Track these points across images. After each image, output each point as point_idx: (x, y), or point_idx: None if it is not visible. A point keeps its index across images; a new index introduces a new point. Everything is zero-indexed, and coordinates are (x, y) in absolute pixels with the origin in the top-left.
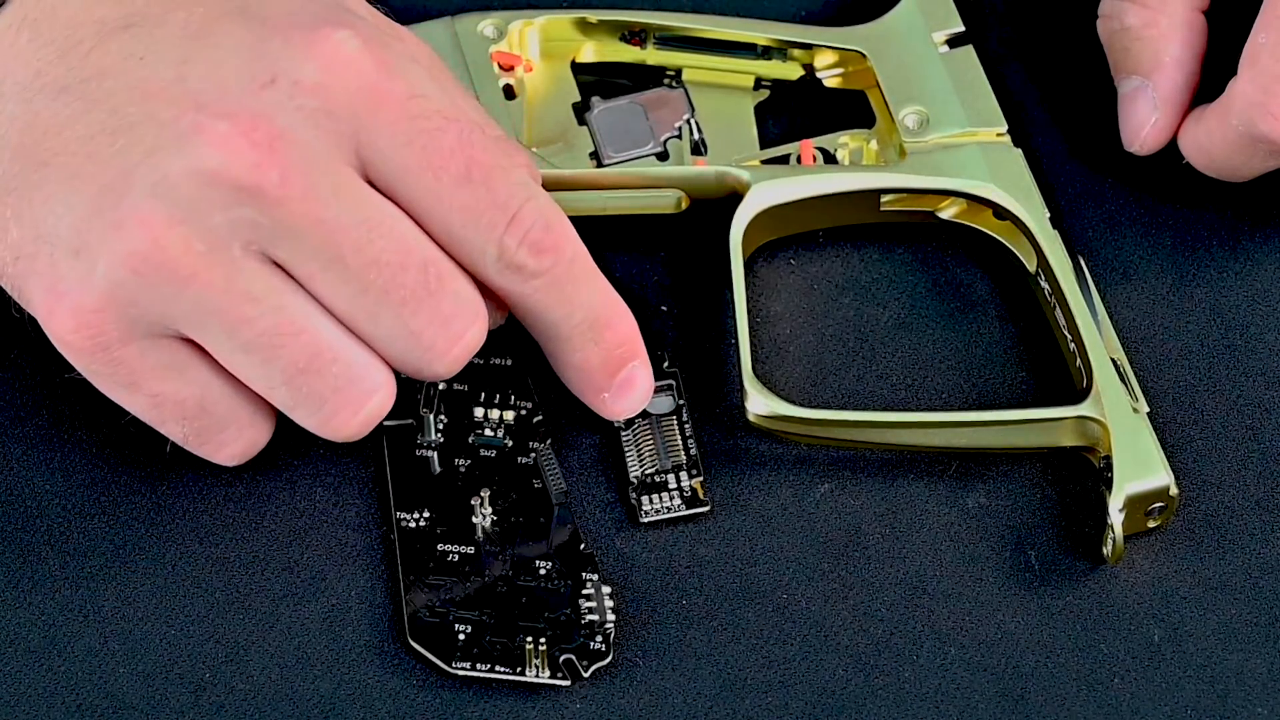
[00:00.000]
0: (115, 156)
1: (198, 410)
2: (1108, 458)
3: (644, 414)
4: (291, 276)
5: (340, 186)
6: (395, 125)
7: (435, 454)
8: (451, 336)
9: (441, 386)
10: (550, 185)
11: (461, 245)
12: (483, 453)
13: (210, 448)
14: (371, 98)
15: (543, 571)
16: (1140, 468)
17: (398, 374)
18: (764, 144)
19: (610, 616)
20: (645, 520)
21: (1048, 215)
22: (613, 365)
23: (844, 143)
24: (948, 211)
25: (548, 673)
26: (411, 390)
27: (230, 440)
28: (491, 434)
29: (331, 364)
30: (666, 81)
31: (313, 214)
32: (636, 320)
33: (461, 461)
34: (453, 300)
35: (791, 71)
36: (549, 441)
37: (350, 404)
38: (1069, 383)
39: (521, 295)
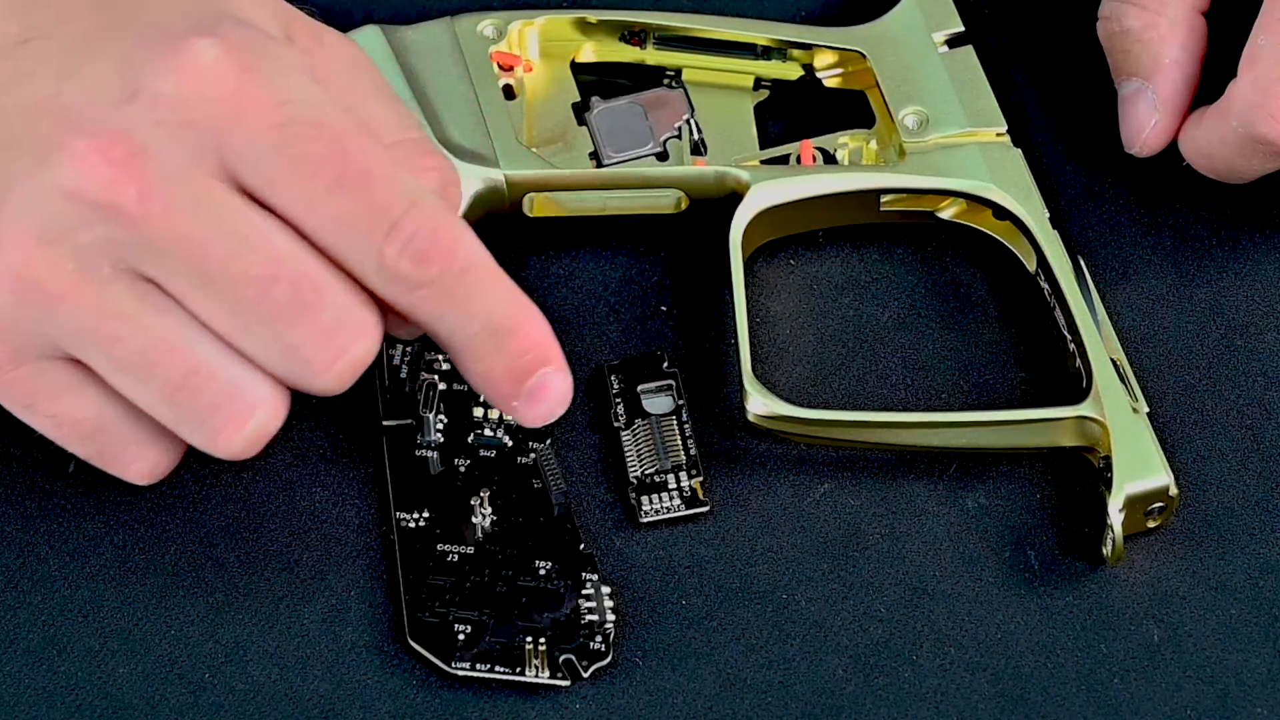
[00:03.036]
0: (1, 173)
1: (95, 430)
2: (1107, 458)
3: (644, 414)
4: (168, 293)
5: (204, 200)
6: (261, 134)
7: (435, 454)
8: (333, 351)
9: (442, 386)
10: (550, 185)
11: (342, 255)
12: (483, 453)
13: (116, 466)
14: (232, 107)
15: (543, 571)
16: (1140, 468)
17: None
18: (764, 144)
19: (610, 616)
20: (645, 520)
21: (1048, 215)
22: (519, 373)
23: (844, 143)
24: (948, 211)
25: (547, 673)
26: (412, 390)
27: (134, 459)
28: (491, 434)
29: (208, 381)
30: (666, 81)
31: (175, 230)
32: (634, 319)
33: (461, 461)
34: (332, 313)
35: (791, 71)
36: (549, 441)
37: (232, 421)
38: (1069, 383)
39: (409, 305)
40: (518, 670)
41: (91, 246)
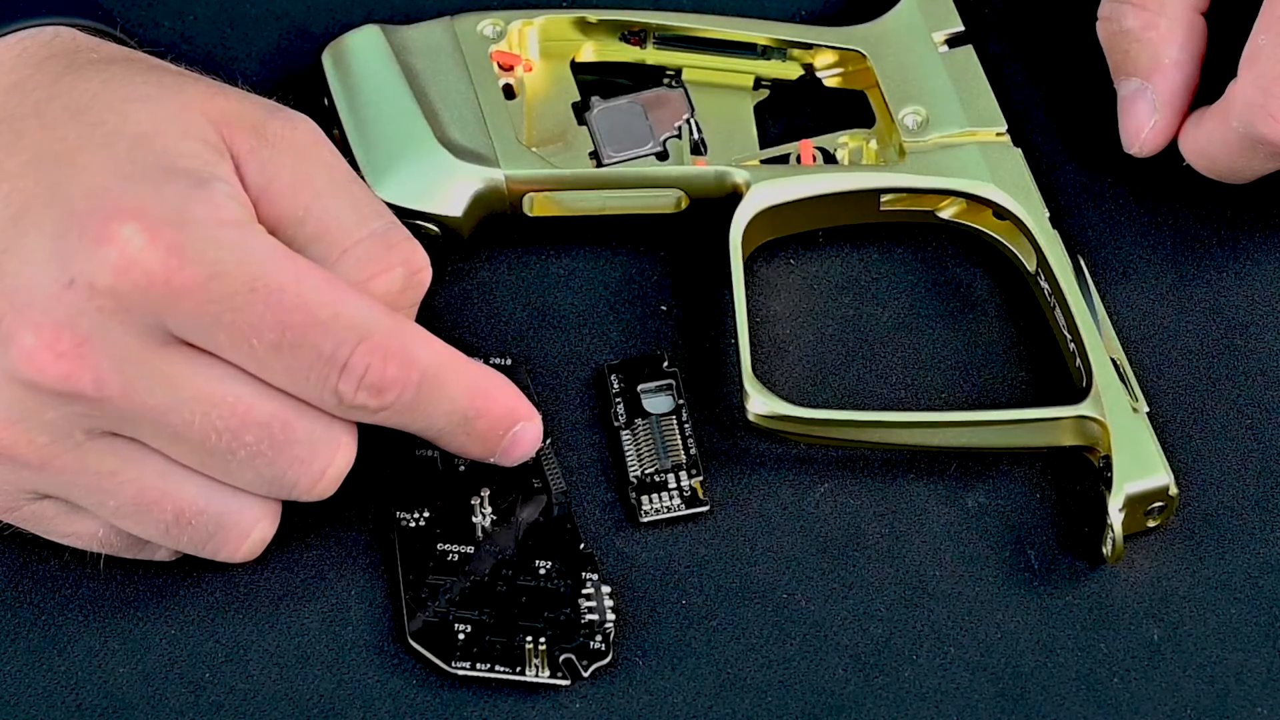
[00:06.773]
0: None
1: (105, 545)
2: (1107, 457)
3: (644, 414)
4: (145, 445)
5: (158, 372)
6: (197, 311)
7: (436, 454)
8: (315, 473)
9: None
10: (550, 185)
11: (301, 396)
12: None
13: (140, 556)
14: (165, 291)
15: (543, 571)
16: (1140, 467)
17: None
18: (764, 144)
19: (610, 616)
20: (645, 520)
21: (1047, 215)
22: (491, 442)
23: (844, 143)
24: (948, 211)
25: (547, 672)
26: None
27: (151, 552)
28: None
29: (199, 516)
30: (666, 81)
31: (137, 403)
32: (634, 319)
33: (461, 461)
34: (305, 443)
35: (791, 71)
36: (549, 441)
37: (229, 543)
38: (1069, 383)
39: (375, 421)
40: (518, 670)
41: (59, 421)
